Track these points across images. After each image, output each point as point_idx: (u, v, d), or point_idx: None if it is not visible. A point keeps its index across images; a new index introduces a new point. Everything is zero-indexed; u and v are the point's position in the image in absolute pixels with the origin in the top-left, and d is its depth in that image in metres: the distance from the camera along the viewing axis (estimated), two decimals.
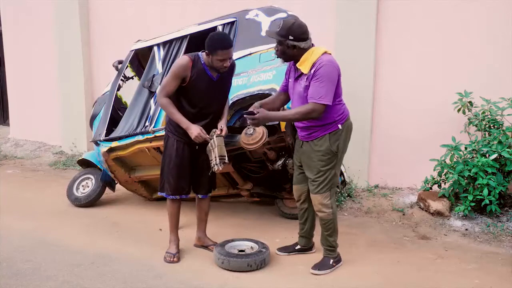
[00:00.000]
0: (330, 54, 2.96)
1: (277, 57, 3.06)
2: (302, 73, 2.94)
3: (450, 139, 4.20)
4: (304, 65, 2.92)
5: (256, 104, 3.07)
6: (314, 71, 2.86)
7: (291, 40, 2.87)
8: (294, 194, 3.36)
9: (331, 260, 3.19)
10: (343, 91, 3.08)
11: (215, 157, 3.16)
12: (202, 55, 3.17)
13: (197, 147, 3.30)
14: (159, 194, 3.44)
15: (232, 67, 3.33)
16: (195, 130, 3.12)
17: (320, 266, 3.17)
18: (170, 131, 3.30)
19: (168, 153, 3.31)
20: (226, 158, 3.20)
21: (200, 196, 3.47)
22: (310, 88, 2.87)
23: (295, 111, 2.91)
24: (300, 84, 2.96)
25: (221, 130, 3.21)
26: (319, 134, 3.00)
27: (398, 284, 3.01)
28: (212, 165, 3.20)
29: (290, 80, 3.09)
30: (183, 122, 3.15)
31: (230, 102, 3.58)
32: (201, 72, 3.15)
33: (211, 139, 3.18)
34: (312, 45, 2.97)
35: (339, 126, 3.01)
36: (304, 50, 2.92)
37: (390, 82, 4.76)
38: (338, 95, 2.99)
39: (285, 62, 3.07)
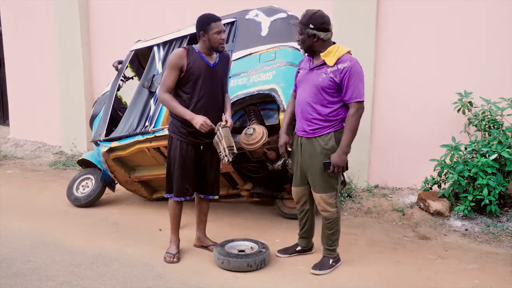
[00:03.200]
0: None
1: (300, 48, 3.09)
2: (323, 64, 2.94)
3: (450, 139, 4.20)
4: (329, 57, 2.92)
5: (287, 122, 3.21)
6: (346, 69, 2.86)
7: (311, 28, 2.91)
8: (293, 196, 3.32)
9: (331, 260, 3.19)
10: None
11: (224, 148, 3.14)
12: (195, 46, 3.22)
13: (201, 147, 3.29)
14: (166, 195, 3.41)
15: (227, 58, 3.36)
16: (200, 119, 3.09)
17: (320, 266, 3.17)
18: (173, 131, 3.28)
19: (172, 155, 3.30)
20: (235, 148, 3.18)
21: (201, 196, 3.46)
22: (348, 88, 2.87)
23: (349, 122, 2.90)
24: (319, 74, 2.94)
25: (226, 121, 3.20)
26: (324, 131, 2.98)
27: (398, 284, 3.01)
28: (222, 157, 3.18)
29: (301, 71, 3.09)
30: (187, 113, 3.13)
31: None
32: (198, 59, 3.17)
33: (217, 131, 3.17)
34: (334, 42, 2.99)
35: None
36: (325, 41, 2.94)
37: (390, 82, 4.77)
38: None
39: (305, 53, 3.08)
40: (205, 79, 3.18)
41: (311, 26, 2.90)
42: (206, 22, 3.12)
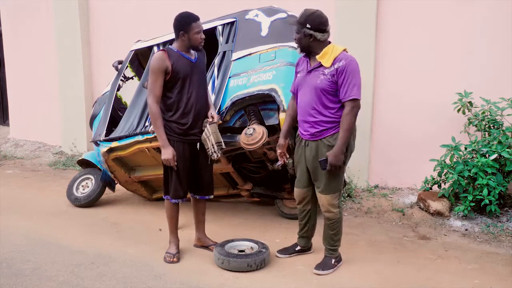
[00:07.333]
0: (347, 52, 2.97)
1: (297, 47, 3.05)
2: (320, 65, 2.92)
3: (450, 139, 4.20)
4: (325, 58, 2.91)
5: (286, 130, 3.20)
6: (341, 68, 2.85)
7: (308, 28, 2.89)
8: (296, 197, 3.29)
9: (333, 260, 3.19)
10: None
11: (212, 144, 3.16)
12: (172, 46, 3.22)
13: (197, 145, 3.28)
14: (164, 197, 3.40)
15: (203, 52, 3.36)
16: (168, 153, 3.13)
17: (322, 266, 3.16)
18: (168, 133, 3.24)
19: None
20: (223, 144, 3.20)
21: (197, 197, 3.46)
22: (343, 87, 2.85)
23: (344, 120, 2.86)
24: (317, 75, 2.92)
25: (213, 117, 3.21)
26: (330, 132, 2.95)
27: (398, 284, 3.01)
28: (210, 153, 3.19)
29: (299, 74, 3.07)
30: (163, 140, 3.15)
31: (230, 102, 3.58)
32: (179, 58, 3.17)
33: (204, 128, 3.17)
34: (329, 42, 2.98)
35: None
36: (321, 42, 2.92)
37: (390, 83, 4.77)
38: None
39: (301, 53, 3.05)
40: (191, 76, 3.19)
41: (308, 26, 2.89)
42: (187, 22, 3.11)
